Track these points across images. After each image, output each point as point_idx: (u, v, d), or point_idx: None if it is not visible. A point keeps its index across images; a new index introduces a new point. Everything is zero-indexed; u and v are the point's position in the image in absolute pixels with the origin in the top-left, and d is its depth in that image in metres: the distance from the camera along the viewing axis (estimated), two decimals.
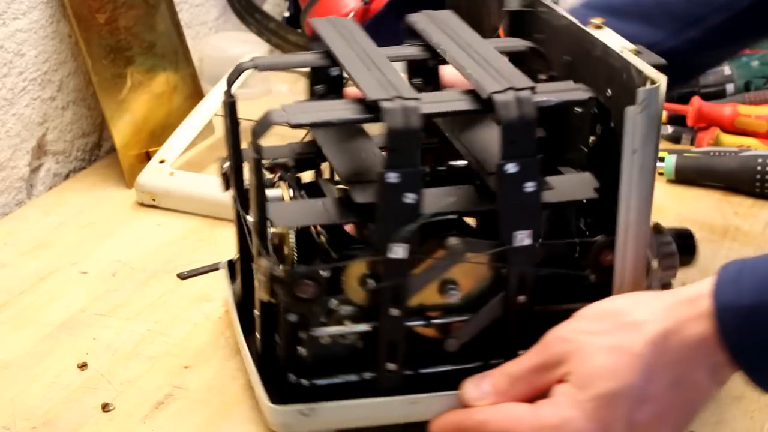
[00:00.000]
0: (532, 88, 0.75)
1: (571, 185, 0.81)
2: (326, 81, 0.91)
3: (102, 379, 0.89)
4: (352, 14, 1.51)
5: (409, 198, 0.74)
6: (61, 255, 1.08)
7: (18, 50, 1.17)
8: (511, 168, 0.74)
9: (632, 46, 0.79)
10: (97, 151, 1.30)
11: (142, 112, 1.26)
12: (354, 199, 0.77)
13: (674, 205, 1.18)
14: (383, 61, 0.82)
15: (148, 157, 1.23)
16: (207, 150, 1.31)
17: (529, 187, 0.75)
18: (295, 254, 0.78)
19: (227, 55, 1.43)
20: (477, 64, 0.80)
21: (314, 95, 0.91)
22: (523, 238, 0.76)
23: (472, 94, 0.77)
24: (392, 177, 0.73)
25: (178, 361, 0.92)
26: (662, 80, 0.74)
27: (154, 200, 1.18)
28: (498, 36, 1.49)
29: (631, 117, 0.73)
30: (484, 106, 0.76)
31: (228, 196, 0.88)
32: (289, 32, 1.54)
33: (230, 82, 0.85)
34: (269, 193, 0.82)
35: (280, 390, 0.80)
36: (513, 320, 0.79)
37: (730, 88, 1.39)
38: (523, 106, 0.74)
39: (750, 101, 1.35)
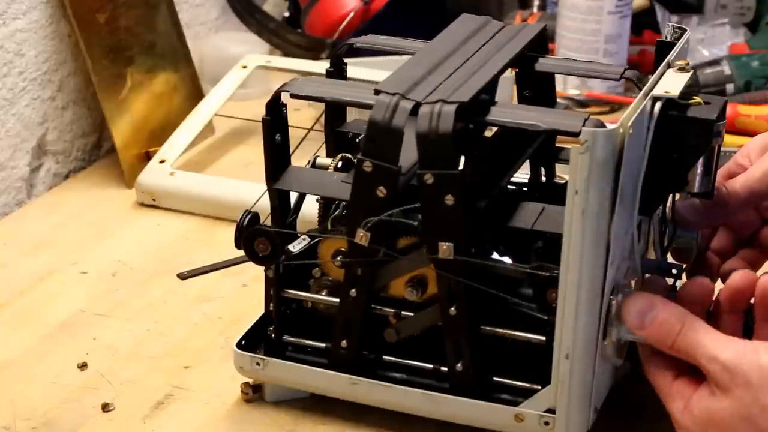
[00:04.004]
0: (462, 104, 0.74)
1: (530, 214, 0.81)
2: None
3: (102, 379, 0.89)
4: (351, 14, 1.51)
5: (381, 191, 0.76)
6: (61, 255, 1.08)
7: (18, 50, 1.17)
8: (428, 179, 0.74)
9: (698, 98, 0.78)
10: (97, 151, 1.30)
11: (142, 112, 1.26)
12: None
13: None
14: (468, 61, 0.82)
15: (148, 157, 1.23)
16: (207, 150, 1.31)
17: (449, 200, 0.75)
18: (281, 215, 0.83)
19: (227, 55, 1.43)
20: (457, 76, 0.79)
21: None
22: (445, 249, 0.76)
23: None
24: (367, 166, 0.76)
25: (178, 361, 0.92)
26: (623, 127, 0.71)
27: (154, 200, 1.18)
28: None
29: (573, 156, 0.71)
30: None
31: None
32: (289, 32, 1.54)
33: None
34: (320, 161, 0.87)
35: (251, 337, 0.86)
36: (445, 330, 0.79)
37: (730, 88, 1.39)
38: (439, 120, 0.73)
39: (750, 101, 1.35)
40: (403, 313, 0.82)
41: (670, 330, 0.74)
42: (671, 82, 0.78)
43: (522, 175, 0.91)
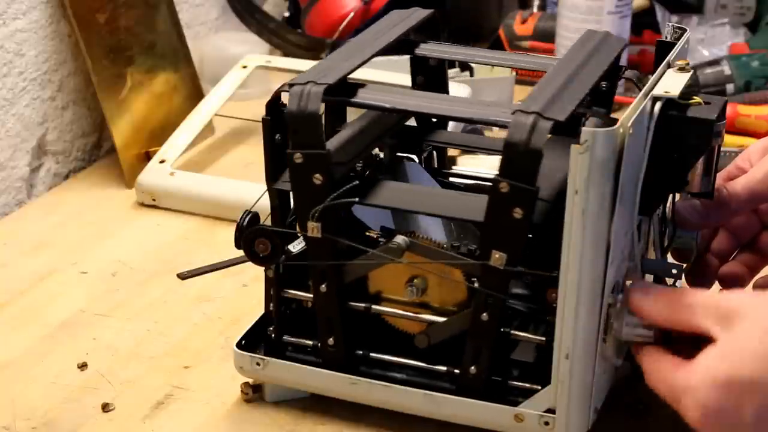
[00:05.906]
0: (556, 120, 0.73)
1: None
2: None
3: (102, 379, 0.89)
4: (351, 14, 1.51)
5: (317, 178, 0.77)
6: (61, 255, 1.08)
7: (18, 50, 1.17)
8: (503, 187, 0.74)
9: (698, 98, 0.78)
10: (97, 151, 1.30)
11: (142, 112, 1.26)
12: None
13: None
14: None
15: (148, 157, 1.23)
16: (207, 150, 1.31)
17: (518, 213, 0.74)
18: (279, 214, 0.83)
19: (227, 55, 1.43)
20: (545, 86, 0.78)
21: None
22: (497, 258, 0.76)
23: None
24: (298, 158, 0.77)
25: (178, 361, 0.92)
26: (623, 127, 0.71)
27: (154, 200, 1.18)
28: (498, 37, 1.49)
29: (573, 156, 0.71)
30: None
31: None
32: (289, 32, 1.54)
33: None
34: None
35: (251, 337, 0.86)
36: (471, 334, 0.79)
37: (730, 88, 1.39)
38: (533, 134, 0.72)
39: (750, 101, 1.35)
40: (431, 318, 0.82)
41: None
42: (671, 82, 0.78)
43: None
